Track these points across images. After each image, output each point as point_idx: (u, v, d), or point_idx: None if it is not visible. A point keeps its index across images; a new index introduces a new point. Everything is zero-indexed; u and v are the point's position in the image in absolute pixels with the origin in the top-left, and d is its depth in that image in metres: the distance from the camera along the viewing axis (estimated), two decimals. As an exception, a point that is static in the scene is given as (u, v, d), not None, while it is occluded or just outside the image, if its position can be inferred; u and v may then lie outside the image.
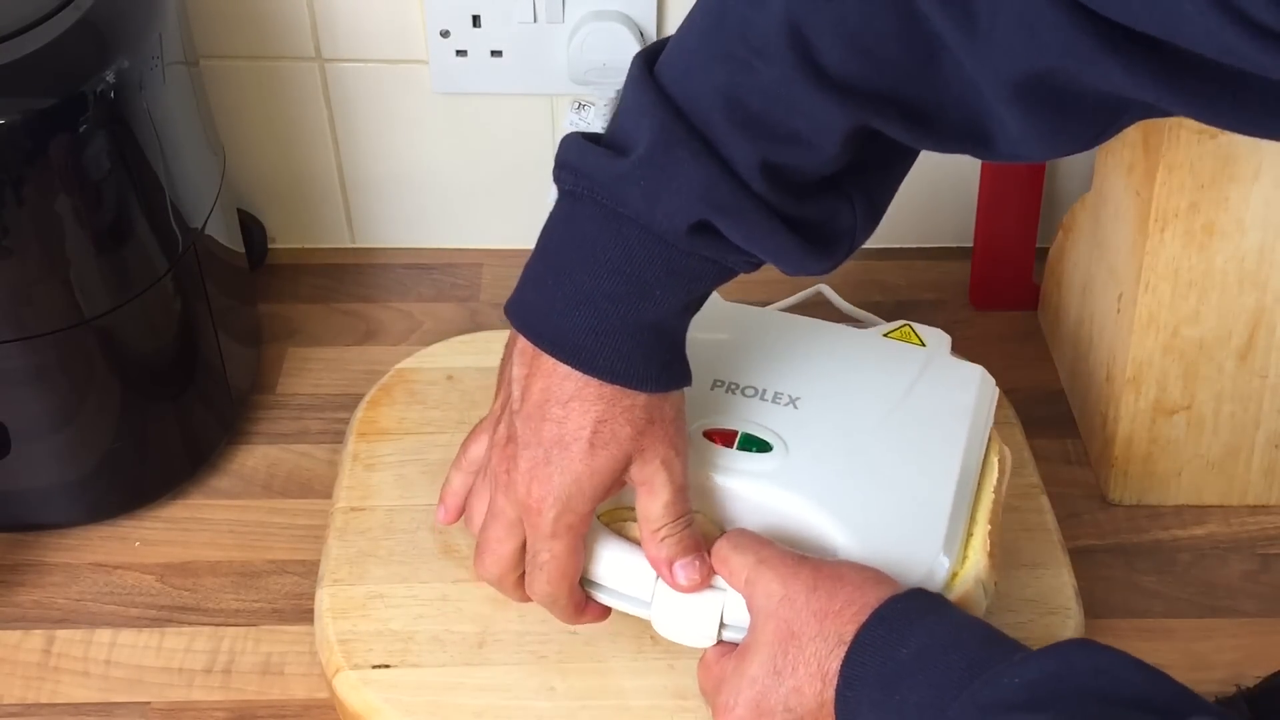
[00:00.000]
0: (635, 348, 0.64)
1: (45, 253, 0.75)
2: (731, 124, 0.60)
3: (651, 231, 0.62)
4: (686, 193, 0.61)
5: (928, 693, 0.57)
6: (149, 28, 0.78)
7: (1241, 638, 0.81)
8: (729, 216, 0.61)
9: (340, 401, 0.93)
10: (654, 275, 0.63)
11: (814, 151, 0.61)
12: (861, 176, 0.65)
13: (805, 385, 0.75)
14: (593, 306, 0.64)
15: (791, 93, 0.59)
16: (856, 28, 0.58)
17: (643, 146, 0.62)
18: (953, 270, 1.04)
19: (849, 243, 0.65)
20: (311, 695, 0.78)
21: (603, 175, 0.63)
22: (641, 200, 0.62)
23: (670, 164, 0.61)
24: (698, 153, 0.61)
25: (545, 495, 0.66)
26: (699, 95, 0.61)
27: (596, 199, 0.63)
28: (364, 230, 1.06)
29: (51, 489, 0.84)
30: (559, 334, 0.65)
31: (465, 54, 0.96)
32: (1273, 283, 0.81)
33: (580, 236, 0.65)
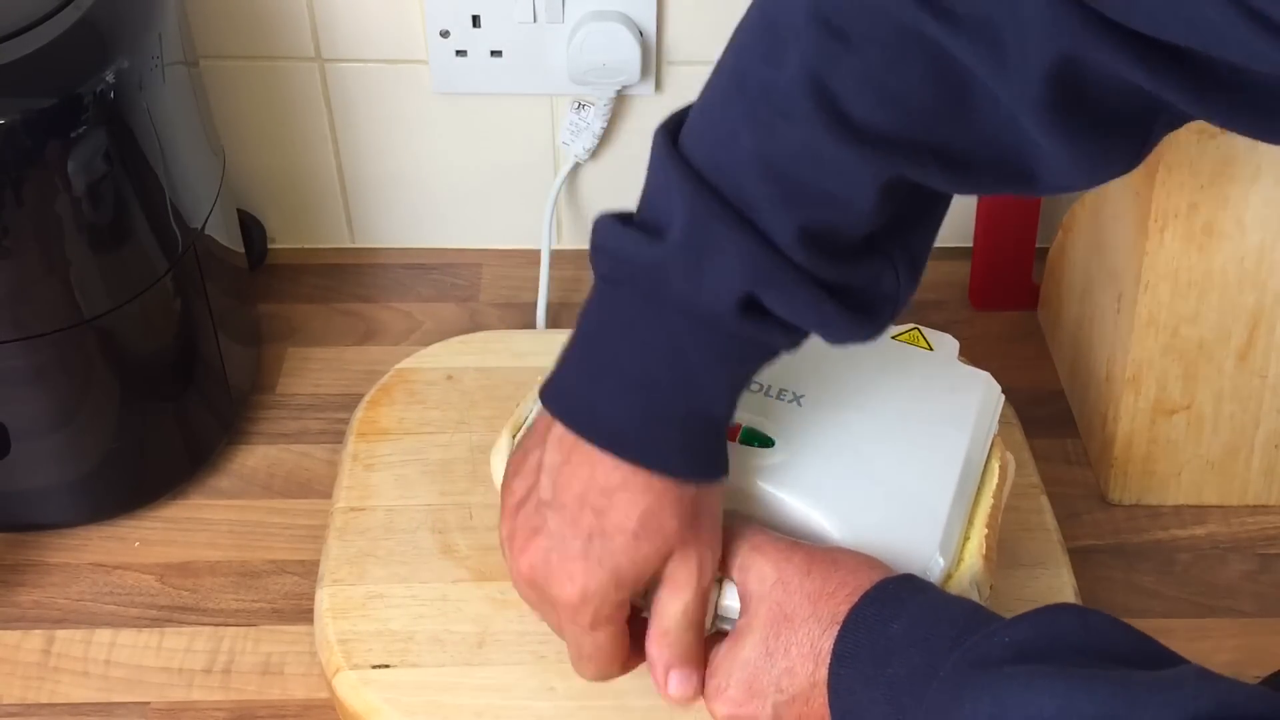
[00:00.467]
0: (684, 437, 0.63)
1: (45, 253, 0.75)
2: (764, 192, 0.59)
3: (696, 316, 0.61)
4: (729, 270, 0.59)
5: (919, 661, 0.57)
6: (149, 28, 0.78)
7: (1241, 638, 0.81)
8: (773, 289, 0.60)
9: (340, 401, 0.93)
10: (700, 360, 0.62)
11: (850, 210, 0.59)
12: (900, 234, 0.63)
13: (810, 384, 0.75)
14: (640, 394, 0.62)
15: (821, 151, 0.58)
16: (882, 75, 0.57)
17: (678, 227, 0.60)
18: (953, 270, 1.04)
19: (893, 308, 0.64)
20: (311, 695, 0.78)
21: (641, 260, 0.61)
22: (684, 283, 0.60)
23: (708, 242, 0.59)
24: (734, 226, 0.59)
25: (583, 591, 0.63)
26: (727, 165, 0.59)
27: (637, 284, 0.61)
28: (364, 230, 1.06)
29: (51, 489, 0.84)
30: (605, 424, 0.63)
31: (465, 54, 0.96)
32: (1273, 283, 0.81)
33: (623, 323, 0.63)
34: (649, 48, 0.96)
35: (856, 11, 0.56)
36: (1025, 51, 0.54)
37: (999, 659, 0.54)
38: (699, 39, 0.97)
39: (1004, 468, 0.74)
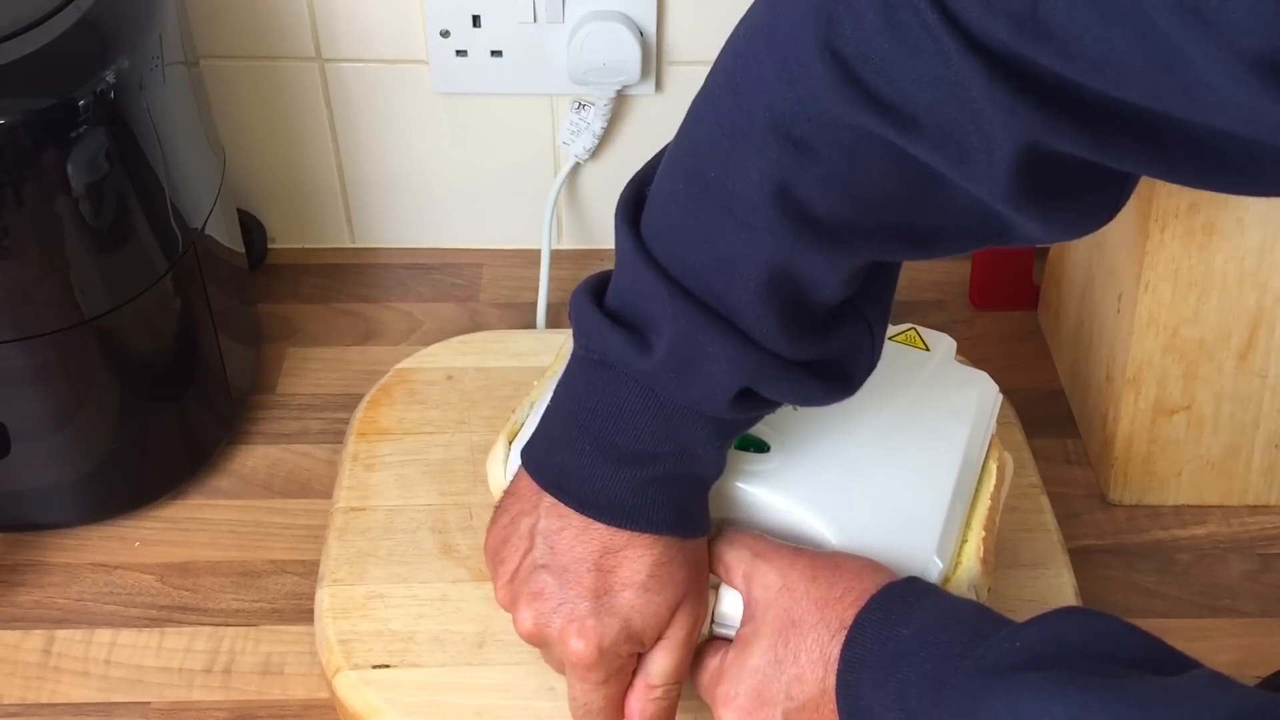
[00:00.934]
0: (679, 500, 0.65)
1: (45, 253, 0.75)
2: (742, 296, 0.60)
3: (695, 410, 0.63)
4: (720, 376, 0.61)
5: (929, 667, 0.57)
6: (149, 28, 0.78)
7: (1241, 638, 0.81)
8: (763, 381, 0.62)
9: (340, 401, 0.93)
10: (696, 437, 0.63)
11: (822, 295, 0.61)
12: (870, 290, 0.65)
13: None
14: (635, 468, 0.63)
15: (793, 255, 0.59)
16: (846, 178, 0.57)
17: (665, 339, 0.61)
18: (953, 270, 1.04)
19: (869, 365, 0.66)
20: (311, 695, 0.78)
21: (633, 366, 0.63)
22: (677, 389, 0.62)
23: (696, 352, 0.61)
24: (720, 333, 0.61)
25: (598, 647, 0.64)
26: (702, 270, 0.61)
27: (631, 377, 0.63)
28: (364, 230, 1.06)
29: (51, 489, 0.84)
30: (602, 498, 0.64)
31: (465, 54, 0.96)
32: (1273, 283, 0.81)
33: (614, 403, 0.64)
34: (649, 48, 0.96)
35: (816, 124, 0.56)
36: (990, 151, 0.53)
37: (1012, 665, 0.54)
38: (699, 39, 0.97)
39: (1002, 468, 0.74)
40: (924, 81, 0.52)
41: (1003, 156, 0.53)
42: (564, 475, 0.65)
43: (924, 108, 0.53)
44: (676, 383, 0.62)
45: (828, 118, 0.56)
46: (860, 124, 0.55)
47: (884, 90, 0.53)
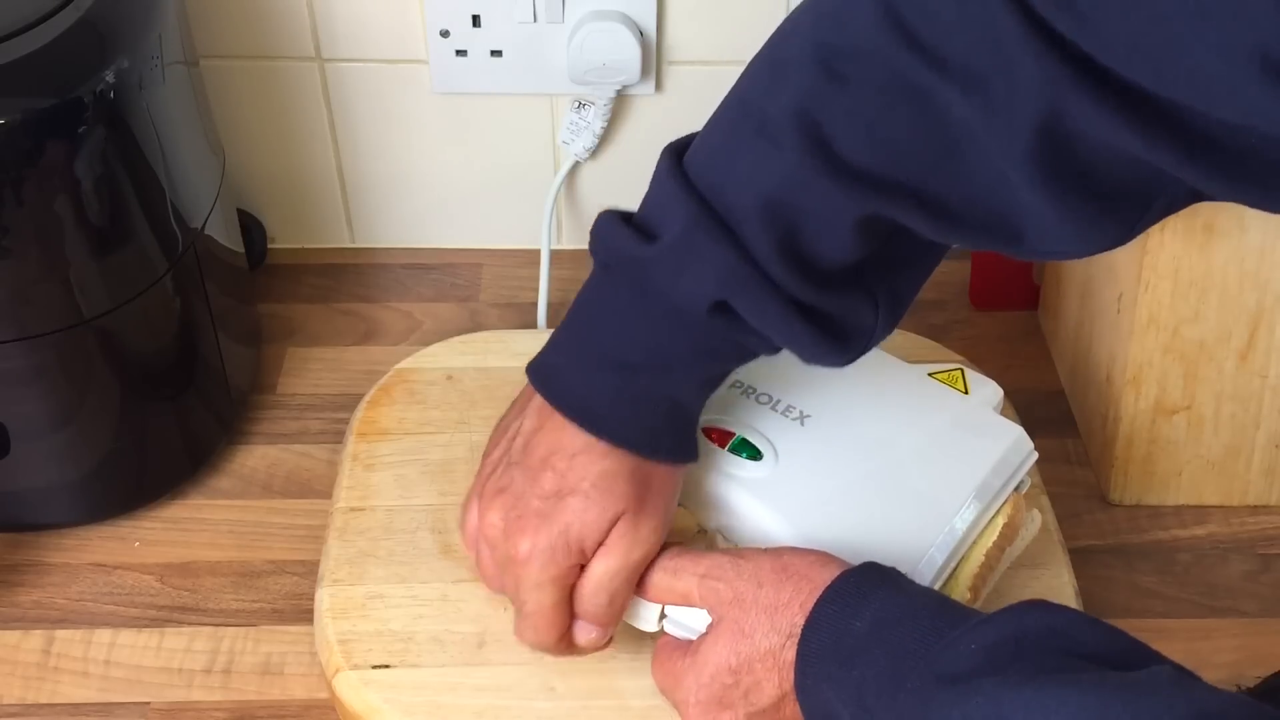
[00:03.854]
0: (651, 418, 0.66)
1: (45, 253, 0.75)
2: (750, 209, 0.62)
3: (675, 311, 0.64)
4: (706, 276, 0.63)
5: (885, 664, 0.57)
6: (149, 28, 0.78)
7: (1241, 638, 0.81)
8: (744, 299, 0.63)
9: (340, 401, 0.93)
10: (676, 352, 0.65)
11: (829, 239, 0.62)
12: (888, 272, 0.66)
13: (821, 405, 0.74)
14: (614, 375, 0.66)
15: (804, 179, 0.60)
16: (872, 117, 0.59)
17: (670, 234, 0.64)
18: (953, 270, 1.04)
19: (866, 341, 0.67)
20: (311, 695, 0.78)
21: (630, 254, 0.65)
22: (665, 281, 0.64)
23: (693, 248, 0.63)
24: (719, 238, 0.62)
25: (533, 545, 0.66)
26: (722, 183, 0.63)
27: (625, 274, 0.65)
28: (364, 230, 1.06)
29: (51, 489, 0.84)
30: (579, 399, 0.66)
31: (465, 54, 0.96)
32: (1273, 283, 0.81)
33: (609, 308, 0.67)
34: (649, 48, 0.96)
35: (853, 56, 0.59)
36: (1014, 104, 0.55)
37: (967, 671, 0.54)
38: (699, 39, 0.97)
39: (1013, 526, 0.72)
40: (962, 24, 0.55)
41: (1026, 113, 0.55)
42: (550, 373, 0.68)
43: (959, 49, 0.56)
44: (665, 274, 0.64)
45: (866, 51, 0.58)
46: (897, 63, 0.58)
47: (924, 31, 0.57)
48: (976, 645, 0.55)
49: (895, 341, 0.88)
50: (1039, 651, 0.54)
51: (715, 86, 0.98)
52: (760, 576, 0.63)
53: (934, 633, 0.57)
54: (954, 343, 0.95)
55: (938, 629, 0.57)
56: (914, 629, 0.58)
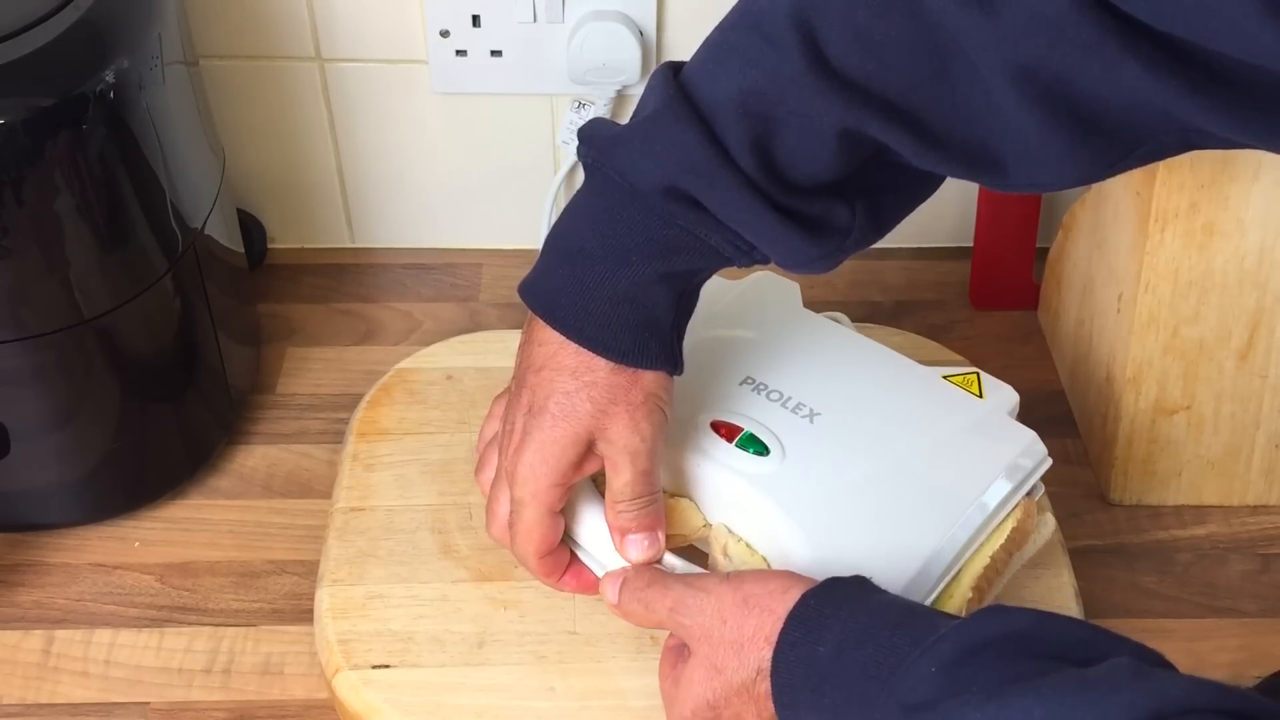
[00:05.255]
0: (608, 314, 0.65)
1: (45, 253, 0.75)
2: (730, 103, 0.61)
3: (634, 193, 0.64)
4: (666, 156, 0.62)
5: (854, 689, 0.57)
6: (149, 28, 0.78)
7: (1241, 638, 0.81)
8: (706, 184, 0.62)
9: (340, 401, 0.93)
10: (633, 241, 0.64)
11: (805, 147, 0.61)
12: (867, 193, 0.65)
13: (831, 403, 0.74)
14: (574, 267, 0.65)
15: (792, 76, 0.60)
16: (864, 23, 0.58)
17: (639, 118, 0.64)
18: (953, 270, 1.04)
19: (842, 239, 0.65)
20: (311, 695, 0.78)
21: (601, 138, 0.65)
22: (626, 160, 0.64)
23: (658, 128, 0.63)
24: (686, 120, 0.62)
25: (517, 462, 0.67)
26: (706, 77, 0.63)
27: (598, 165, 0.65)
28: (364, 230, 1.06)
29: (51, 489, 0.84)
30: (541, 290, 0.67)
31: (465, 54, 0.96)
32: (1273, 283, 0.81)
33: (580, 202, 0.67)
34: (649, 48, 0.96)
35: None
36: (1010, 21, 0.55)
37: (930, 698, 0.54)
38: (699, 39, 0.96)
39: (1021, 531, 0.71)
40: None
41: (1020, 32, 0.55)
42: (531, 276, 0.69)
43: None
44: (627, 154, 0.63)
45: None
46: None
47: None
48: (936, 667, 0.54)
49: (895, 341, 0.88)
50: (1000, 658, 0.54)
51: (715, 86, 0.98)
52: (723, 612, 0.62)
53: (894, 653, 0.56)
54: (954, 343, 0.95)
55: (898, 648, 0.56)
56: (875, 651, 0.57)
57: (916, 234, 1.06)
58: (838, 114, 0.60)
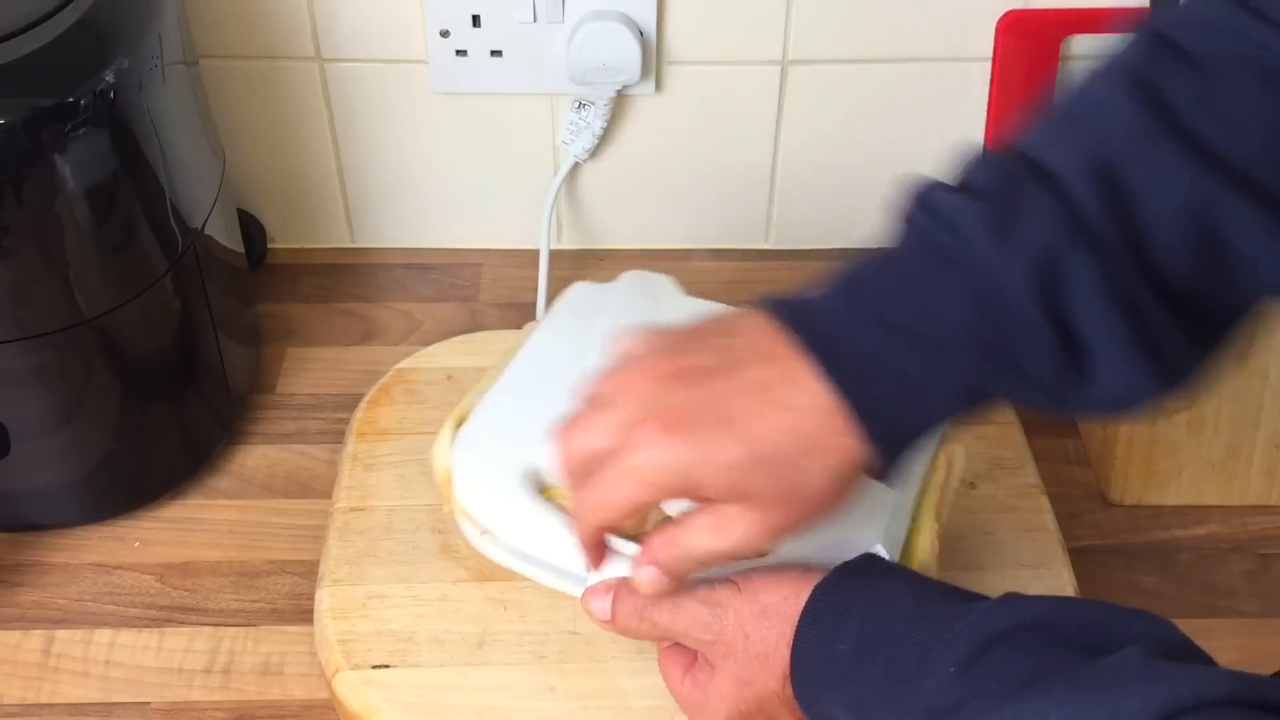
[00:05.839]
0: (883, 392, 0.56)
1: (45, 253, 0.75)
2: (1078, 168, 0.55)
3: (975, 269, 0.55)
4: (1026, 231, 0.55)
5: (879, 685, 0.57)
6: (149, 28, 0.78)
7: (1241, 638, 0.81)
8: (1068, 261, 0.54)
9: (340, 401, 0.93)
10: (952, 324, 0.56)
11: (1159, 215, 0.55)
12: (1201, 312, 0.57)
13: None
14: (874, 329, 0.57)
15: (1139, 133, 0.55)
16: (1213, 90, 0.55)
17: (987, 183, 0.57)
18: (953, 270, 1.04)
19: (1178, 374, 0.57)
20: (311, 695, 0.78)
21: (941, 204, 0.57)
22: (982, 234, 0.55)
23: (1016, 198, 0.55)
24: (1041, 190, 0.55)
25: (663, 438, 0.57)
26: (1047, 142, 0.58)
27: (926, 229, 0.57)
28: (364, 230, 1.06)
29: (51, 489, 0.84)
30: (820, 328, 0.57)
31: (465, 54, 0.96)
32: (1273, 283, 0.81)
33: (896, 260, 0.58)
34: (649, 47, 0.96)
35: (1194, 29, 0.56)
36: None
37: (951, 702, 0.54)
38: (699, 39, 0.97)
39: (950, 461, 0.74)
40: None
41: None
42: (799, 305, 0.59)
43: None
44: (984, 224, 0.55)
45: (1213, 25, 0.56)
46: (1246, 37, 0.55)
47: (1273, 8, 0.54)
48: (955, 666, 0.54)
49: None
50: (1016, 650, 0.54)
51: (715, 86, 0.99)
52: (744, 626, 0.62)
53: (914, 650, 0.56)
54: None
55: (917, 645, 0.56)
56: (894, 650, 0.57)
57: (916, 234, 1.06)
58: (1188, 181, 0.54)
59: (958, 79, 0.98)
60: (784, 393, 0.56)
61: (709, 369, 0.58)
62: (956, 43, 0.96)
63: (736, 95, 0.99)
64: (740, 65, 0.98)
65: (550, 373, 0.76)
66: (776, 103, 0.99)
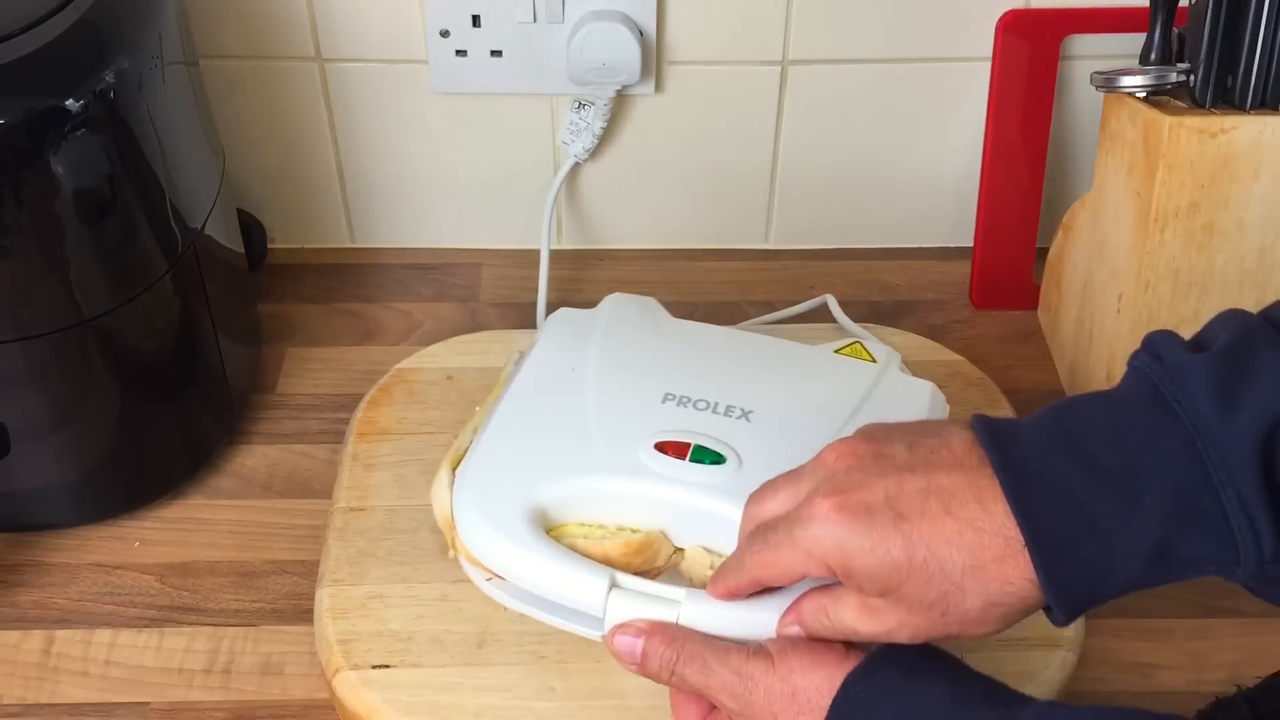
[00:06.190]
0: (1069, 531, 0.54)
1: (45, 253, 0.75)
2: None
3: (1199, 425, 0.53)
4: (1262, 395, 0.52)
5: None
6: (149, 28, 0.78)
7: (1241, 638, 0.81)
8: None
9: (340, 401, 0.93)
10: (1160, 479, 0.53)
11: None
12: None
13: (757, 399, 0.75)
14: (1074, 467, 0.54)
15: None
16: None
17: (1220, 343, 0.55)
18: (953, 270, 1.04)
19: None
20: (311, 695, 0.78)
21: (1169, 352, 0.56)
22: (1206, 395, 0.53)
23: (1250, 358, 0.53)
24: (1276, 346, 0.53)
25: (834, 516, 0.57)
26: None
27: (1150, 375, 0.55)
28: (364, 230, 1.06)
29: (51, 489, 0.84)
30: (1018, 456, 0.56)
31: (465, 54, 0.96)
32: (1273, 283, 0.81)
33: (1115, 402, 0.56)
34: (649, 48, 0.96)
35: None
36: None
37: None
38: (699, 39, 0.97)
39: None
40: None
41: None
42: (1005, 425, 0.57)
43: None
44: (1212, 383, 0.53)
45: None
46: None
47: None
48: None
49: (896, 341, 0.88)
50: None
51: (715, 86, 0.99)
52: (773, 705, 0.60)
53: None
54: (954, 342, 0.95)
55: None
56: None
57: (916, 234, 1.06)
58: None
59: (958, 79, 0.98)
60: (964, 506, 0.56)
61: (901, 462, 0.58)
62: (956, 43, 0.96)
63: (736, 95, 0.99)
64: (740, 65, 0.98)
65: (545, 406, 0.76)
66: (776, 103, 0.99)
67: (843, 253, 1.06)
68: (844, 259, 1.05)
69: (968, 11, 0.95)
